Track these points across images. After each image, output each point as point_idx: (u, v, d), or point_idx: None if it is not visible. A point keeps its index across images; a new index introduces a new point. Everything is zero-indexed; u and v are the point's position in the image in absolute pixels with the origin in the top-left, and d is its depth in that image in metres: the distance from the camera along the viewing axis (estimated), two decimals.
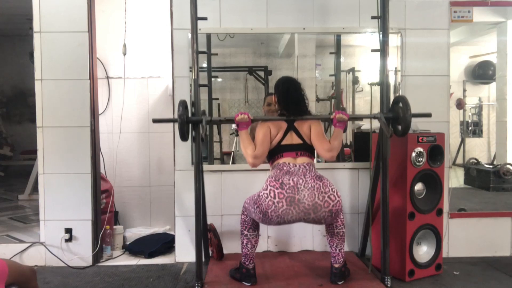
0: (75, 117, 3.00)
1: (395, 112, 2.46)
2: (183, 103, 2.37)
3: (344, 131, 2.49)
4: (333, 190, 2.28)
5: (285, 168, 2.33)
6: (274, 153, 2.42)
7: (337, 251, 2.48)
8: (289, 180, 2.25)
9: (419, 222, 2.66)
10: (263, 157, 2.40)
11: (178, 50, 3.00)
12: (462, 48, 5.45)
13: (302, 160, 2.37)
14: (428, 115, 2.52)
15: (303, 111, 2.46)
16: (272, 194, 2.23)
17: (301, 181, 2.25)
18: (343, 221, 2.50)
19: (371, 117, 2.58)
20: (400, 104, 2.42)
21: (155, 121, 2.55)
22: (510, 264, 3.00)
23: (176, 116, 2.46)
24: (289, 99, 2.45)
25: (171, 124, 3.07)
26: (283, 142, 2.40)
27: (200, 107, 2.54)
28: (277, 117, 2.48)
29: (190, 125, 2.45)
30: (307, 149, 2.41)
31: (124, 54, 3.66)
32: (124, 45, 3.64)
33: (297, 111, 2.44)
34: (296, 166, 2.33)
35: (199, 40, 2.62)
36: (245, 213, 2.50)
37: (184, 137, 2.40)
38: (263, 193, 2.26)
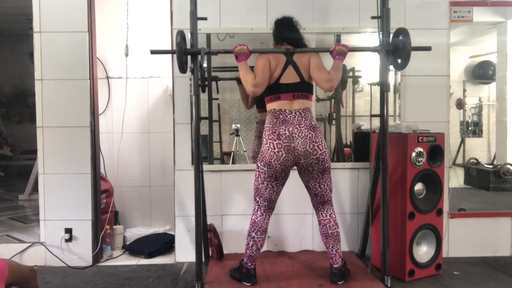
0: (75, 117, 3.00)
1: (395, 45, 2.46)
2: (181, 33, 2.36)
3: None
4: (322, 141, 2.41)
5: (281, 116, 2.40)
6: (272, 91, 2.45)
7: (334, 252, 2.48)
8: (285, 130, 2.37)
9: (419, 222, 2.67)
10: (264, 86, 2.41)
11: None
12: (462, 48, 5.44)
13: (298, 104, 2.42)
14: (428, 48, 2.52)
15: (301, 42, 2.50)
16: (272, 146, 2.37)
17: (296, 130, 2.37)
18: (336, 220, 2.50)
19: (372, 50, 2.55)
20: (401, 37, 2.42)
21: (153, 52, 2.51)
22: (510, 264, 3.00)
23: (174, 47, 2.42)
24: (285, 33, 2.50)
25: (171, 124, 3.08)
26: (282, 80, 2.42)
27: (198, 40, 2.50)
28: (277, 49, 2.49)
29: (188, 57, 2.42)
30: (304, 89, 2.45)
31: (126, 55, 3.66)
32: (126, 46, 3.65)
33: (295, 42, 2.48)
34: (292, 113, 2.40)
35: (199, 40, 2.62)
36: (255, 208, 2.50)
37: (182, 69, 2.41)
38: (265, 147, 2.40)
